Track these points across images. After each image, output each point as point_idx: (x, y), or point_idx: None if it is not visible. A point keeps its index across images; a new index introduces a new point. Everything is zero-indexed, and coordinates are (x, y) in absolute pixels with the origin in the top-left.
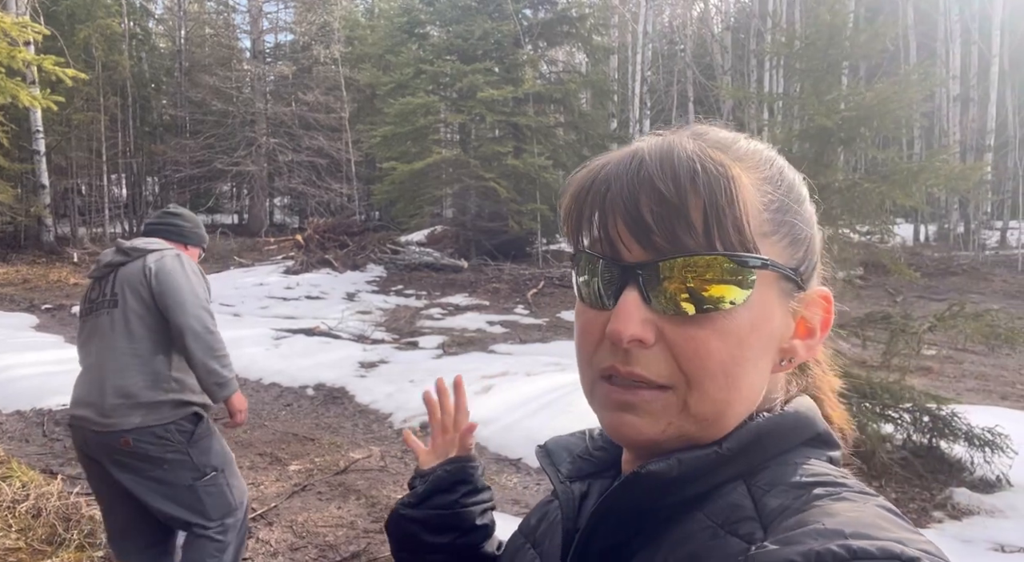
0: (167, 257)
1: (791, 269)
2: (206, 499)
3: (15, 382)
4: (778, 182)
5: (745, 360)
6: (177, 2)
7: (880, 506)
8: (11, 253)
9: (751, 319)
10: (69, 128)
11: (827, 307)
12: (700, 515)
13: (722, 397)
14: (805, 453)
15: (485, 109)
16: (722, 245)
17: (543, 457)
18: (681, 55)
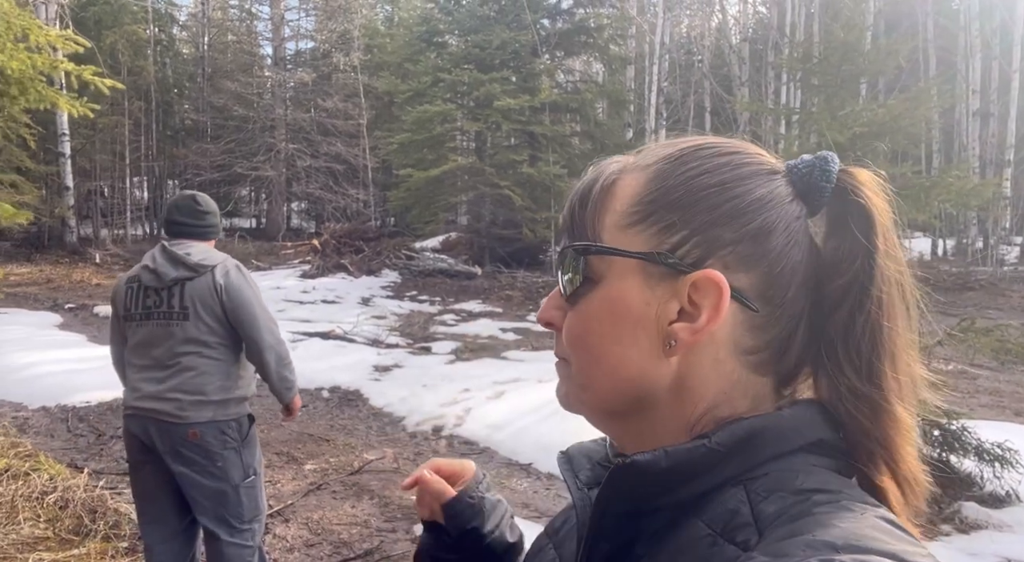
0: (231, 271)
1: (641, 253)
2: (245, 500)
3: (40, 379)
4: (667, 175)
5: (597, 335)
6: (201, 9)
7: (881, 517)
8: (35, 253)
9: (599, 298)
10: (94, 131)
11: (716, 291)
12: (700, 523)
13: (585, 368)
14: (808, 459)
15: (501, 117)
16: (574, 239)
17: (564, 463)
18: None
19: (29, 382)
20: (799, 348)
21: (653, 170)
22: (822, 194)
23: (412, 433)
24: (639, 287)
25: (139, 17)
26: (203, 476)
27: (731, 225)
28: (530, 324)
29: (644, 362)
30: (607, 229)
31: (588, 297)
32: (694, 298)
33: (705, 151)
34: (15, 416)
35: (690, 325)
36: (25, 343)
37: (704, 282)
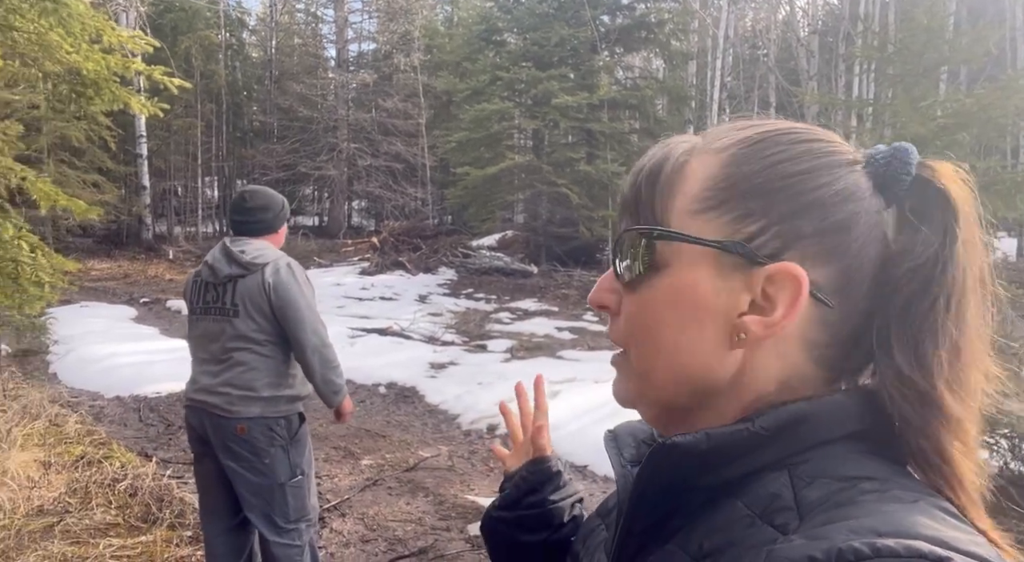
0: (281, 270)
1: (716, 242)
2: (291, 499)
3: (116, 370)
4: (744, 160)
5: (663, 324)
6: (269, 13)
7: (934, 505)
8: (114, 249)
9: (666, 286)
10: (169, 133)
11: (794, 284)
12: (739, 504)
13: (647, 356)
14: (855, 446)
15: (559, 115)
16: (644, 223)
17: (609, 441)
18: (764, 60)
19: (106, 373)
20: (867, 344)
21: (729, 154)
22: (900, 186)
23: (467, 431)
24: (710, 276)
25: (211, 22)
26: (250, 472)
27: (812, 217)
28: (586, 323)
29: (709, 353)
30: (677, 213)
31: (652, 283)
32: (768, 291)
33: (785, 136)
34: (92, 405)
35: (763, 319)
36: (103, 335)
37: (782, 275)
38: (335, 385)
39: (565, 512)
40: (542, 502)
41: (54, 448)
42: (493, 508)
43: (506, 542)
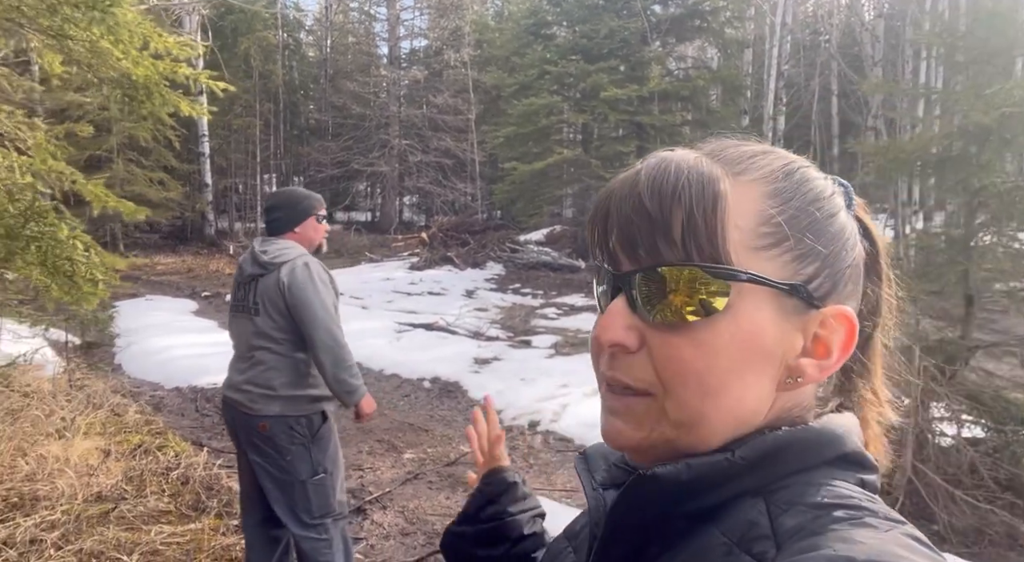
0: (297, 269)
1: (788, 285)
2: (313, 496)
3: (175, 361)
4: (789, 196)
5: (722, 370)
6: (325, 13)
7: (906, 534)
8: (179, 245)
9: (731, 331)
10: (229, 132)
11: (849, 328)
12: (716, 531)
13: (696, 405)
14: (832, 473)
15: (608, 108)
16: (699, 257)
17: (580, 464)
18: (825, 46)
19: (166, 364)
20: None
21: (773, 187)
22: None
23: (508, 427)
24: (773, 320)
25: (270, 24)
26: (273, 468)
27: (846, 259)
28: None
29: (761, 398)
30: (735, 249)
31: (714, 327)
32: (820, 334)
33: (805, 170)
34: (153, 395)
35: (819, 362)
36: (165, 328)
37: (838, 319)
38: (348, 385)
39: (524, 525)
40: (500, 514)
41: (114, 437)
42: (452, 524)
43: (466, 559)
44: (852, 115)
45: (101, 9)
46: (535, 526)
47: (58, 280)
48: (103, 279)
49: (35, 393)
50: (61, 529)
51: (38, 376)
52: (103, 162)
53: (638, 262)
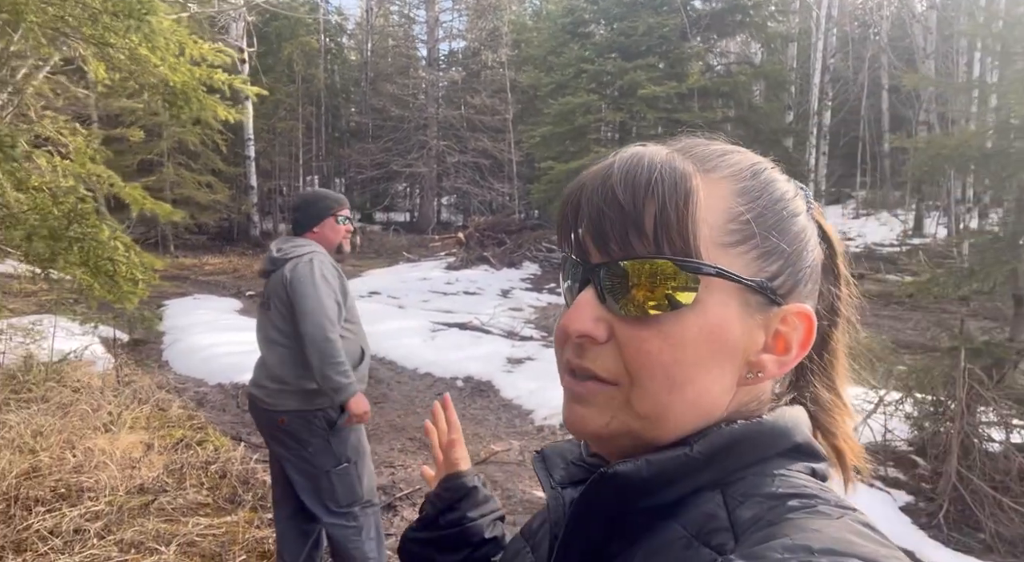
0: (300, 265)
1: (754, 281)
2: (338, 486)
3: (219, 358)
4: (756, 195)
5: (688, 363)
6: (366, 18)
7: (856, 521)
8: (226, 245)
9: (699, 325)
10: (273, 136)
11: (808, 325)
12: (676, 525)
13: (663, 397)
14: (784, 464)
15: (646, 106)
16: (669, 250)
17: (538, 463)
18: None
19: (210, 361)
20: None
21: (741, 186)
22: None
23: (539, 426)
24: (738, 315)
25: (312, 29)
26: (297, 460)
27: (806, 258)
28: None
29: (724, 392)
30: (706, 244)
31: (681, 320)
32: (781, 330)
33: (770, 170)
34: (196, 391)
35: (779, 358)
36: (210, 326)
37: (797, 316)
38: (333, 382)
39: (484, 529)
40: (460, 519)
41: (158, 431)
42: (411, 530)
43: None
44: (903, 110)
45: (137, 17)
46: (495, 530)
47: (100, 279)
48: (143, 278)
49: (85, 388)
50: (104, 519)
51: (88, 372)
52: (154, 166)
53: (608, 255)
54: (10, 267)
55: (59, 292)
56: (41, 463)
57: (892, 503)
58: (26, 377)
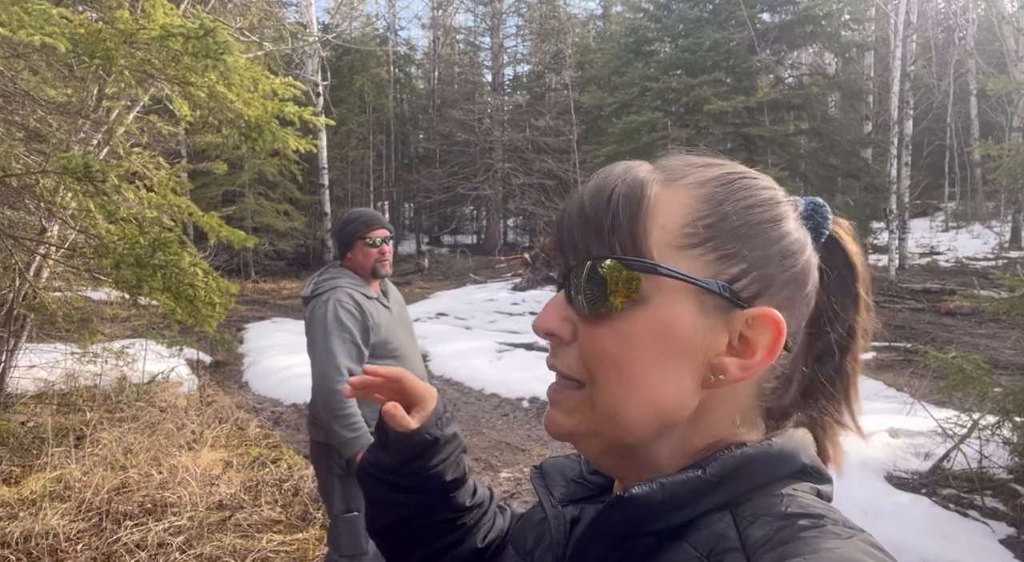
0: (318, 306)
1: (705, 282)
2: (343, 534)
3: (294, 379)
4: (720, 201)
5: (638, 360)
6: (432, 47)
7: (865, 541)
8: (302, 270)
9: (648, 322)
10: (346, 164)
11: (775, 330)
12: (686, 545)
13: (617, 393)
14: (792, 485)
15: (713, 122)
16: (620, 251)
17: (537, 479)
18: (960, 43)
19: (286, 381)
20: (795, 387)
21: (705, 192)
22: (820, 240)
23: None
24: (692, 314)
25: (382, 61)
26: (323, 492)
27: (781, 265)
28: None
29: (681, 392)
30: (657, 246)
31: (631, 317)
32: (747, 334)
33: (749, 180)
34: (273, 410)
35: (742, 361)
36: (287, 348)
37: (763, 319)
38: (338, 435)
39: (446, 473)
40: (421, 468)
41: (236, 449)
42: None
43: (380, 496)
44: (994, 116)
45: (214, 57)
46: (458, 468)
47: (181, 304)
48: (220, 302)
49: (171, 408)
50: (185, 534)
51: (174, 392)
52: (236, 196)
53: (575, 257)
54: (104, 294)
55: (149, 317)
56: (130, 479)
57: (991, 535)
58: (119, 398)
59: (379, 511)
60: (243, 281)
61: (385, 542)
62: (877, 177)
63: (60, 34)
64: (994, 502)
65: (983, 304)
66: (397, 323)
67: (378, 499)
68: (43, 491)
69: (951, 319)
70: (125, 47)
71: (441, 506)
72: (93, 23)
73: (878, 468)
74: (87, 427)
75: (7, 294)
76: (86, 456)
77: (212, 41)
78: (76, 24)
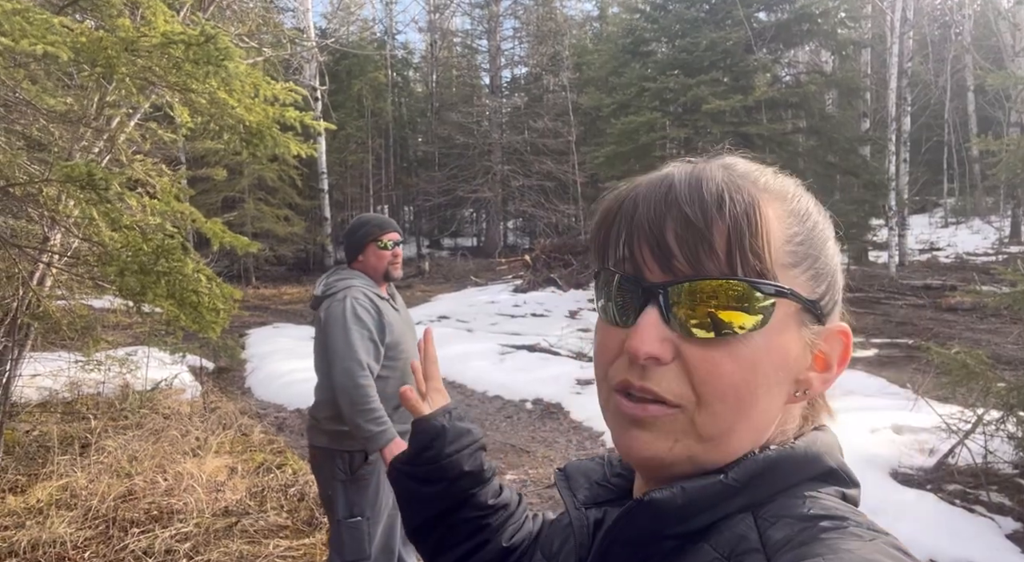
0: (334, 304)
1: (811, 301)
2: (346, 538)
3: (297, 384)
4: (803, 217)
5: (757, 385)
6: (430, 50)
7: (889, 544)
8: (302, 275)
9: (767, 346)
10: (345, 168)
11: (846, 342)
12: (707, 547)
13: (730, 419)
14: (815, 487)
15: (711, 121)
16: (743, 271)
17: (561, 481)
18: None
19: (289, 387)
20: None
21: (791, 206)
22: None
23: (611, 448)
24: (797, 334)
25: (380, 65)
26: (324, 498)
27: (840, 279)
28: None
29: (777, 412)
30: (776, 265)
31: (750, 341)
32: (823, 349)
33: (805, 194)
34: (276, 416)
35: (822, 375)
36: (289, 353)
37: (837, 334)
38: (364, 430)
39: (463, 462)
40: (436, 457)
41: (240, 455)
42: (397, 460)
43: (408, 491)
44: (992, 111)
45: (215, 63)
46: (474, 462)
47: (185, 310)
48: (224, 308)
49: (175, 414)
50: (192, 541)
51: (178, 399)
52: (236, 202)
53: (671, 272)
54: (107, 302)
55: (151, 324)
56: (136, 486)
57: (997, 530)
58: (123, 405)
59: (410, 508)
60: (244, 287)
61: (422, 542)
62: (876, 174)
63: (62, 43)
64: (1000, 497)
65: (984, 299)
66: (404, 326)
67: (405, 495)
68: (49, 500)
69: (952, 315)
70: (126, 55)
71: (464, 503)
72: (94, 31)
73: (883, 465)
74: (92, 435)
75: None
76: (91, 464)
77: (213, 47)
78: (77, 33)
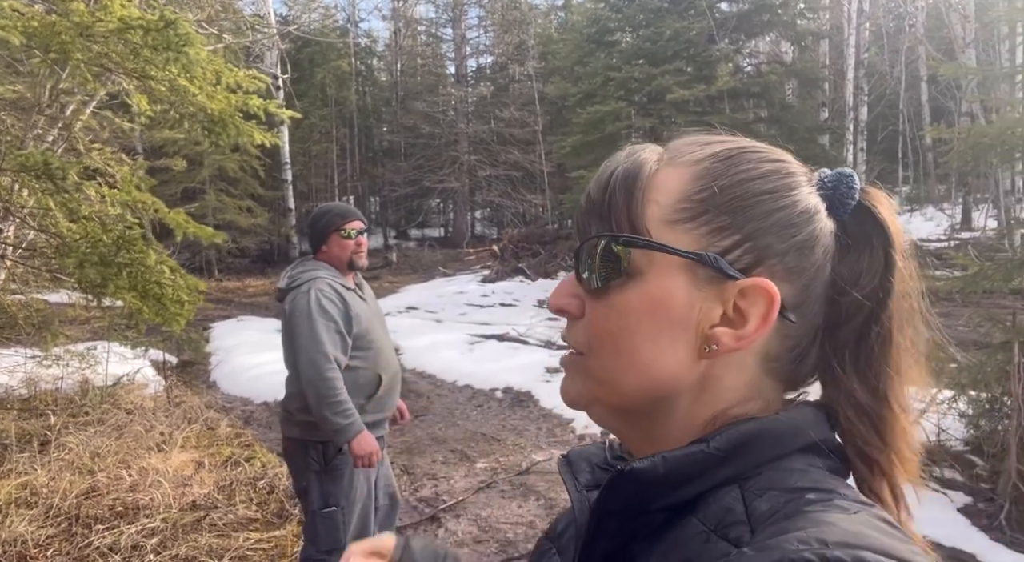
0: (299, 297)
1: (694, 253)
2: (320, 529)
3: (264, 378)
4: (716, 176)
5: (632, 332)
6: (394, 39)
7: (874, 515)
8: (266, 267)
9: (640, 295)
10: (309, 159)
11: (768, 300)
12: (694, 520)
13: (611, 363)
14: (803, 460)
15: (675, 111)
16: (617, 230)
17: (564, 467)
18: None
19: (256, 380)
20: (814, 357)
21: (702, 167)
22: (844, 210)
23: (580, 435)
24: (684, 287)
25: (343, 53)
26: (298, 490)
27: (781, 235)
28: None
29: (677, 363)
30: (652, 222)
31: (624, 291)
32: (740, 305)
33: (752, 154)
34: (243, 409)
35: (735, 331)
36: (255, 346)
37: (755, 290)
38: (331, 423)
39: None
40: None
41: (207, 449)
42: None
43: None
44: (944, 101)
45: (175, 49)
46: None
47: (149, 303)
48: (188, 300)
49: (138, 410)
50: (159, 536)
51: (141, 394)
52: (196, 193)
53: (581, 239)
54: (65, 296)
55: (111, 318)
56: (99, 483)
57: (950, 505)
58: (83, 401)
59: None
60: (207, 279)
61: None
62: (834, 163)
63: (12, 27)
64: (952, 473)
65: (937, 284)
66: (373, 316)
67: None
68: (8, 498)
69: None
70: (81, 40)
71: None
72: (47, 16)
73: None
74: (51, 432)
75: None
76: (52, 461)
77: (173, 33)
78: (28, 17)
